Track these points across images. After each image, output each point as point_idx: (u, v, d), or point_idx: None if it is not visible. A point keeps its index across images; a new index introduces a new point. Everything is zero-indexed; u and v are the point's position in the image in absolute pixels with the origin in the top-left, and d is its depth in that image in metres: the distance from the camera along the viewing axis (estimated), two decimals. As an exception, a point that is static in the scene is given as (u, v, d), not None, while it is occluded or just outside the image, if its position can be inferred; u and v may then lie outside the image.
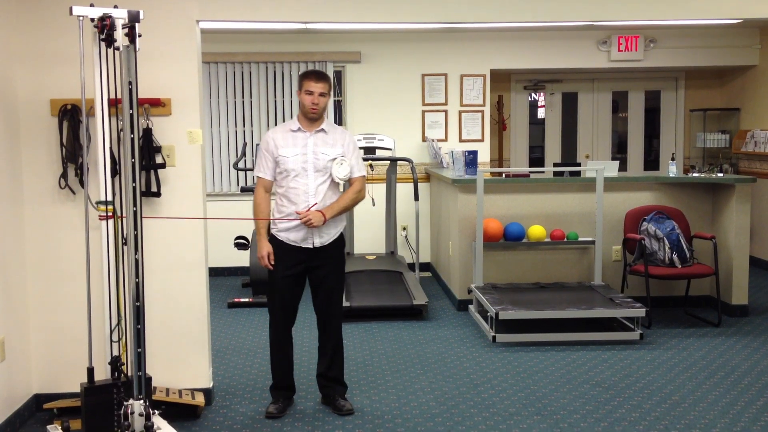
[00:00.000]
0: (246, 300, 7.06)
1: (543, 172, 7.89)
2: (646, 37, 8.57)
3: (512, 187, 6.84)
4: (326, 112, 4.31)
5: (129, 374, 3.87)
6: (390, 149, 7.82)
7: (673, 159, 7.17)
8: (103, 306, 4.07)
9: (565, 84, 9.62)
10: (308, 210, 4.17)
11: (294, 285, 4.33)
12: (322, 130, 4.27)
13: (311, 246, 4.25)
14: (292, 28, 7.82)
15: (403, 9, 4.83)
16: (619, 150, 9.81)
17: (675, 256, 6.17)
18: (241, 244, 7.32)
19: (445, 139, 8.51)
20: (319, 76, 4.24)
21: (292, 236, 4.25)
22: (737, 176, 7.25)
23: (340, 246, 4.39)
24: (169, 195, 4.37)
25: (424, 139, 8.54)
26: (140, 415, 3.65)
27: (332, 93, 4.43)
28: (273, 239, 4.34)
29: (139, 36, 3.59)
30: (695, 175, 6.86)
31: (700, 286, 6.73)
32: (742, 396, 4.59)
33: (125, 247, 3.81)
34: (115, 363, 3.94)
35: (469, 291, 6.55)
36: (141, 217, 3.67)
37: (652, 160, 9.79)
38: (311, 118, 4.24)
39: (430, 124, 8.54)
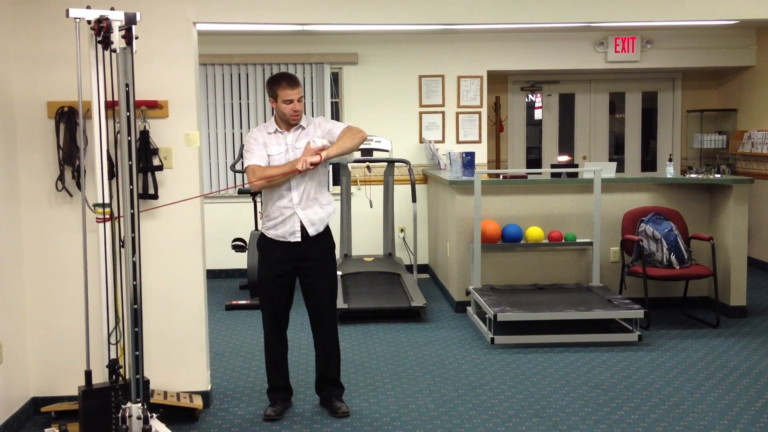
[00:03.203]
0: (244, 302, 7.05)
1: (540, 173, 7.88)
2: (642, 38, 8.58)
3: (510, 188, 6.84)
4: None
5: (127, 377, 3.86)
6: (387, 151, 7.82)
7: (670, 160, 7.17)
8: (101, 309, 4.06)
9: (562, 85, 9.62)
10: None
11: (284, 286, 4.32)
12: (300, 126, 4.27)
13: (299, 239, 4.23)
14: (289, 30, 7.82)
15: (400, 10, 4.82)
16: (617, 151, 9.81)
17: (673, 257, 6.17)
18: (239, 246, 7.30)
19: (443, 141, 8.51)
20: (292, 81, 4.20)
21: (280, 231, 4.24)
22: (734, 177, 7.25)
23: (329, 245, 4.38)
24: (167, 197, 4.35)
25: (421, 141, 8.54)
26: (138, 418, 3.64)
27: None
28: (262, 239, 4.34)
29: (136, 38, 3.58)
30: (692, 176, 6.87)
31: (699, 287, 6.73)
32: (741, 397, 4.59)
33: (123, 250, 3.80)
34: (113, 366, 3.92)
35: (467, 293, 6.54)
36: (139, 220, 3.66)
37: (649, 161, 9.80)
38: (293, 124, 4.24)
39: (428, 125, 8.54)
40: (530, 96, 9.71)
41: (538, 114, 9.76)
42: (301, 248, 4.26)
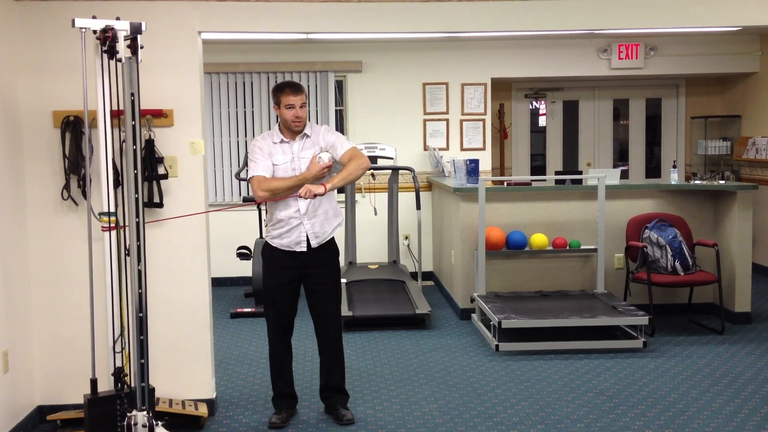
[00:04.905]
0: (248, 310, 7.06)
1: (545, 180, 7.88)
2: (646, 45, 8.59)
3: (514, 195, 6.85)
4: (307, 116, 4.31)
5: (132, 385, 3.87)
6: (392, 158, 7.83)
7: (674, 166, 7.17)
8: (106, 317, 4.06)
9: (566, 92, 9.63)
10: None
11: (289, 294, 4.33)
12: (305, 135, 4.28)
13: (305, 249, 4.24)
14: (294, 38, 7.85)
15: (404, 19, 4.84)
16: (621, 158, 9.82)
17: (677, 264, 6.17)
18: (244, 254, 7.31)
19: (447, 148, 8.52)
20: (295, 87, 4.22)
21: (285, 241, 4.25)
22: (739, 183, 7.24)
23: (333, 253, 4.39)
24: (172, 205, 4.37)
25: (425, 148, 8.55)
26: (143, 426, 3.65)
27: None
28: (266, 247, 4.35)
29: (141, 47, 3.60)
30: (697, 182, 6.86)
31: (703, 293, 6.72)
32: (747, 404, 4.58)
33: (128, 258, 3.81)
34: (119, 374, 3.94)
35: (472, 300, 6.54)
36: (144, 228, 3.67)
37: (653, 168, 9.80)
38: (296, 131, 4.25)
39: (432, 132, 8.55)
40: (534, 103, 9.72)
41: (542, 121, 9.77)
42: (305, 256, 4.27)
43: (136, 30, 3.59)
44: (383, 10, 4.79)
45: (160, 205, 4.34)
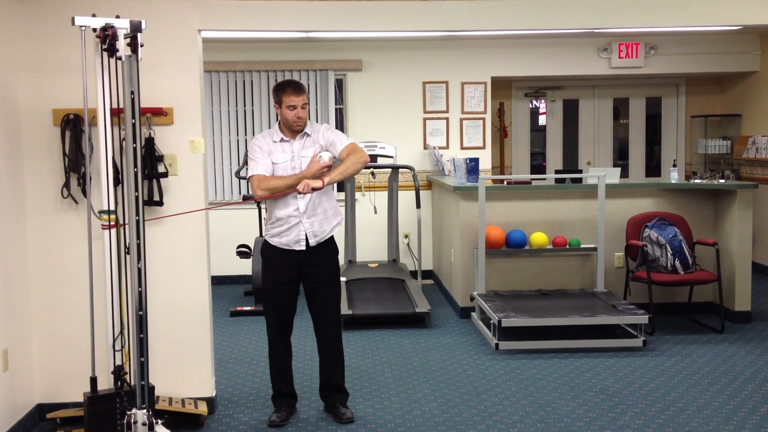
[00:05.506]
0: (248, 308, 7.06)
1: (544, 179, 7.88)
2: (646, 44, 8.58)
3: (514, 194, 6.84)
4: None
5: (132, 383, 3.87)
6: (391, 157, 7.82)
7: (674, 165, 7.17)
8: (106, 315, 4.06)
9: (566, 91, 9.63)
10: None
11: (288, 292, 4.33)
12: (306, 133, 4.28)
13: (304, 248, 4.24)
14: (294, 37, 7.84)
15: (404, 17, 4.84)
16: (621, 157, 9.81)
17: (677, 263, 6.17)
18: (244, 252, 7.31)
19: (447, 147, 8.52)
20: (297, 87, 4.21)
21: (284, 239, 4.25)
22: (739, 182, 7.24)
23: (332, 251, 4.39)
24: (172, 204, 4.37)
25: (425, 147, 8.55)
26: (143, 424, 3.65)
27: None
28: (265, 246, 4.35)
29: (141, 46, 3.60)
30: (697, 181, 6.86)
31: (703, 292, 6.72)
32: (746, 402, 4.59)
33: (128, 256, 3.81)
34: (118, 372, 3.94)
35: (472, 298, 6.54)
36: (144, 226, 3.67)
37: (653, 167, 9.80)
38: (297, 130, 4.25)
39: (432, 131, 8.55)
40: (534, 102, 9.72)
41: (542, 120, 9.77)
42: (304, 255, 4.27)
43: (136, 28, 3.59)
44: (383, 8, 4.79)
45: (160, 203, 4.34)
